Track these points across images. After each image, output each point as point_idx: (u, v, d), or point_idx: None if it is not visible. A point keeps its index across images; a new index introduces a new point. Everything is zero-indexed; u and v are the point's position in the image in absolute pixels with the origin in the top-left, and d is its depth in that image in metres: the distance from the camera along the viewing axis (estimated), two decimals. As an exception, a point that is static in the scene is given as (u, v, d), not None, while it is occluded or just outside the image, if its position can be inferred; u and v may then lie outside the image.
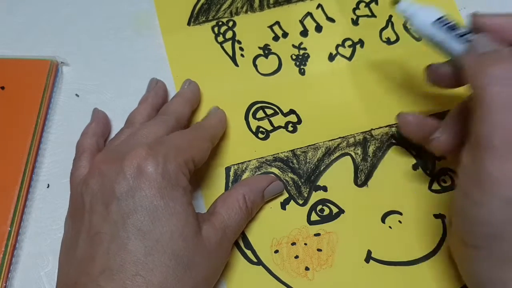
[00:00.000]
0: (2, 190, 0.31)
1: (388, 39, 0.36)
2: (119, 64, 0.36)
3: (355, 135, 0.33)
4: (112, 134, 0.34)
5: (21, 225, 0.31)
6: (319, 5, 0.37)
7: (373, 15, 0.37)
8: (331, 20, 0.37)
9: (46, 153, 0.33)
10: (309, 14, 0.37)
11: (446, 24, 0.25)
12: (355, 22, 0.37)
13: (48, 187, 0.32)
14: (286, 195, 0.32)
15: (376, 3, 0.37)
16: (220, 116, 0.33)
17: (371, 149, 0.33)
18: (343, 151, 0.33)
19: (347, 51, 0.36)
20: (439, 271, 0.30)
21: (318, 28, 0.37)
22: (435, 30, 0.25)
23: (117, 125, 0.34)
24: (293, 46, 0.36)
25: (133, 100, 0.33)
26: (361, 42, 0.36)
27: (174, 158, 0.26)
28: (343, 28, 0.37)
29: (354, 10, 0.37)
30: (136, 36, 0.37)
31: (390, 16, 0.37)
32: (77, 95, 0.35)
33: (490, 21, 0.24)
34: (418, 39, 0.36)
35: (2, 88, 0.34)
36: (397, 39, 0.36)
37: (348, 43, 0.37)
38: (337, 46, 0.36)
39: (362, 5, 0.37)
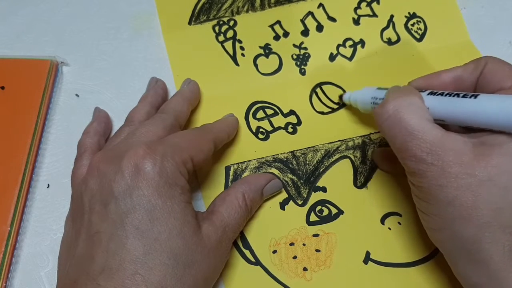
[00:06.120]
0: (2, 190, 0.31)
1: (389, 39, 0.36)
2: (119, 64, 0.36)
3: (354, 138, 0.33)
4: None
5: (21, 225, 0.31)
6: (320, 4, 0.37)
7: (374, 15, 0.37)
8: (332, 19, 0.37)
9: (46, 153, 0.33)
10: (310, 13, 0.37)
11: (378, 99, 0.29)
12: (356, 22, 0.37)
13: (48, 187, 0.33)
14: (285, 195, 0.32)
15: (378, 3, 0.37)
16: (230, 121, 0.33)
17: (370, 152, 0.33)
18: (342, 154, 0.33)
19: (348, 51, 0.36)
20: (438, 273, 0.29)
21: (319, 28, 0.37)
22: (373, 105, 0.30)
23: (117, 125, 0.34)
24: (294, 45, 0.36)
25: (133, 100, 0.33)
26: (362, 42, 0.36)
27: (172, 156, 0.26)
28: (344, 27, 0.37)
29: (355, 9, 0.37)
30: (136, 36, 0.37)
31: (392, 16, 0.37)
32: (77, 95, 0.35)
33: (413, 83, 0.29)
34: (419, 40, 0.36)
35: (2, 88, 0.34)
36: (398, 40, 0.36)
37: (349, 43, 0.36)
38: (338, 46, 0.36)
39: (363, 4, 0.37)
